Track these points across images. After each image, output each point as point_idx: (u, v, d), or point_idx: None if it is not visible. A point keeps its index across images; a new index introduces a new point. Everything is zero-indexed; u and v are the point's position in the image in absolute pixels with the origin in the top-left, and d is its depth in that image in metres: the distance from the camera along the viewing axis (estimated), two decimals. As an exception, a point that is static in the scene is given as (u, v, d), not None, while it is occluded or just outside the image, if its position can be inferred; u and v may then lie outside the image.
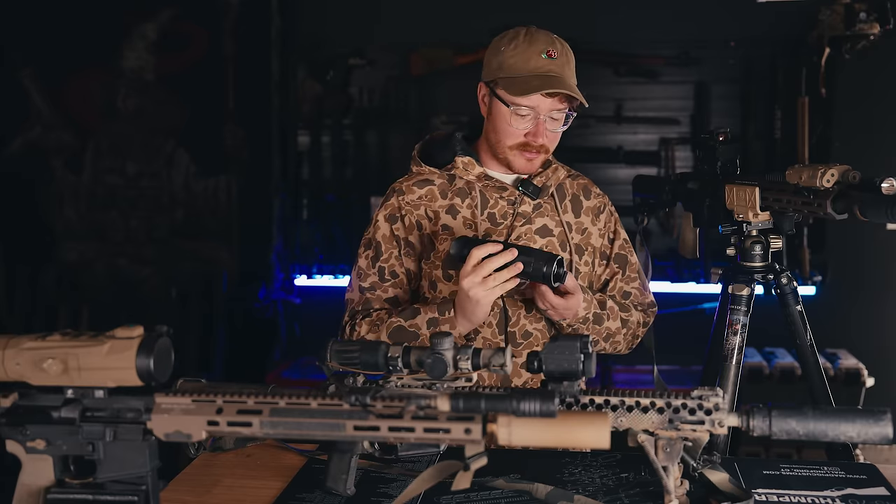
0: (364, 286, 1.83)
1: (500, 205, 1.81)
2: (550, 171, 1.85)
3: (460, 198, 1.82)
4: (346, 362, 1.26)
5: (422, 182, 1.85)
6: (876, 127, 3.82)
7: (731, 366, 1.92)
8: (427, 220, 1.82)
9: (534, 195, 1.81)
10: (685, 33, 3.96)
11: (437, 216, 1.82)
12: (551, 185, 1.84)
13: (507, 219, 1.81)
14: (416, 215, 1.82)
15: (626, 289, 1.91)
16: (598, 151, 4.05)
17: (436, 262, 1.81)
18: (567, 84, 1.71)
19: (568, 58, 1.76)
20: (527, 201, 1.81)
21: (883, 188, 1.59)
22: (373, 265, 1.83)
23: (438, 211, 1.82)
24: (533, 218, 1.82)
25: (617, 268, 1.91)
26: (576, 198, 1.89)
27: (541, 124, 1.73)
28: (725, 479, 1.35)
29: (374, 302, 1.82)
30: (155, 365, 1.04)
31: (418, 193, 1.83)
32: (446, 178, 1.83)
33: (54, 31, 4.17)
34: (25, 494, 1.11)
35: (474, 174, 1.81)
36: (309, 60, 4.26)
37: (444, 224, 1.81)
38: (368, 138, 4.29)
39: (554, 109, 1.72)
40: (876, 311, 3.92)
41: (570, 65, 1.76)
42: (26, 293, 4.33)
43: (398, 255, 1.83)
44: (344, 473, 1.36)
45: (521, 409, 0.95)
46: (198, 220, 4.33)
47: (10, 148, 4.36)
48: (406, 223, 1.82)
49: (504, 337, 1.77)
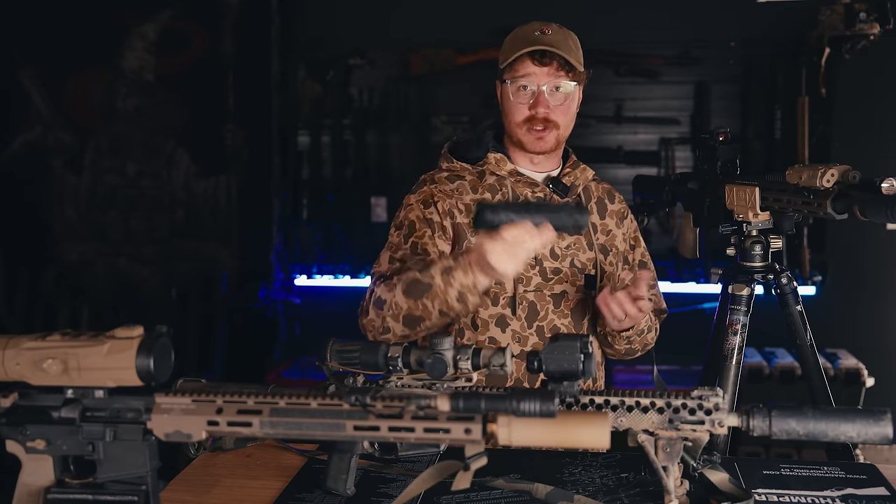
0: (395, 257, 1.77)
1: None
2: (579, 170, 1.88)
3: (490, 193, 1.84)
4: (346, 362, 1.26)
5: (453, 177, 1.86)
6: (876, 127, 3.82)
7: (731, 366, 1.92)
8: (458, 212, 1.82)
9: (563, 193, 1.83)
10: (685, 33, 3.97)
11: (469, 209, 1.82)
12: (580, 185, 1.87)
13: None
14: (449, 203, 1.82)
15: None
16: (598, 151, 4.06)
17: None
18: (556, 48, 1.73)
19: (566, 35, 1.78)
20: (555, 199, 1.83)
21: (883, 188, 1.59)
22: (405, 241, 1.79)
23: (470, 204, 1.82)
24: None
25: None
26: (601, 200, 1.91)
27: (541, 94, 1.75)
28: (725, 479, 1.35)
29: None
30: (155, 365, 1.04)
31: (450, 186, 1.84)
32: (476, 174, 1.85)
33: (54, 31, 4.17)
34: (25, 494, 1.11)
35: (506, 170, 1.83)
36: (309, 60, 4.26)
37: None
38: (368, 138, 4.29)
39: (552, 79, 1.75)
40: (876, 311, 3.93)
41: (569, 41, 1.77)
42: (26, 293, 4.33)
43: (431, 236, 1.80)
44: (344, 473, 1.36)
45: (521, 409, 0.95)
46: (198, 220, 4.33)
47: (10, 148, 4.36)
48: (440, 209, 1.81)
49: (533, 331, 1.78)
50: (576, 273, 1.82)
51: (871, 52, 3.54)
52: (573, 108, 1.82)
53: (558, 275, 1.81)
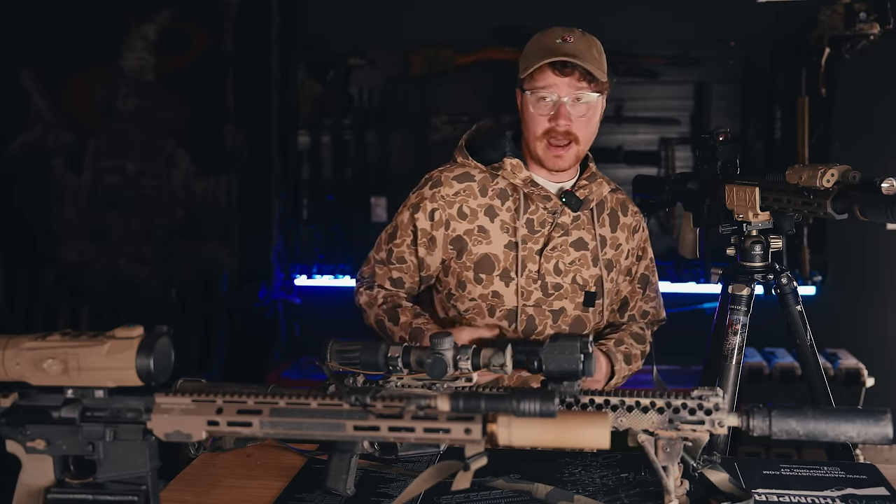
0: (376, 258, 1.88)
1: (540, 212, 1.79)
2: (595, 184, 1.83)
3: (500, 199, 1.79)
4: (346, 362, 1.26)
5: (462, 176, 1.81)
6: (876, 127, 3.81)
7: (731, 366, 1.92)
8: (460, 219, 1.79)
9: (575, 207, 1.78)
10: (685, 33, 3.96)
11: (475, 215, 1.79)
12: (593, 199, 1.82)
13: (546, 227, 1.79)
14: (447, 213, 1.79)
15: (645, 308, 1.94)
16: (598, 151, 4.00)
17: (467, 263, 1.79)
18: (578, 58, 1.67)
19: (589, 43, 1.72)
20: (567, 212, 1.79)
21: (883, 188, 1.59)
22: (387, 243, 1.85)
23: (477, 210, 1.79)
24: (570, 230, 1.81)
25: (639, 287, 1.93)
26: (614, 213, 1.88)
27: (562, 107, 1.70)
28: (725, 479, 1.35)
29: (377, 278, 1.86)
30: (155, 365, 1.04)
31: (456, 188, 1.80)
32: (489, 175, 1.81)
33: (54, 31, 4.17)
34: (25, 494, 1.11)
35: (521, 178, 1.78)
36: (309, 60, 4.26)
37: (480, 225, 1.79)
38: (368, 138, 4.29)
39: (574, 90, 1.70)
40: (876, 311, 3.92)
41: (592, 50, 1.72)
42: (26, 293, 4.33)
43: (410, 244, 1.82)
44: (344, 473, 1.36)
45: (521, 409, 0.95)
46: (198, 220, 4.32)
47: (10, 148, 4.36)
48: (435, 218, 1.80)
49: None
50: (576, 289, 1.81)
51: (871, 52, 3.54)
52: (595, 119, 1.76)
53: (559, 290, 1.79)
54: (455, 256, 1.81)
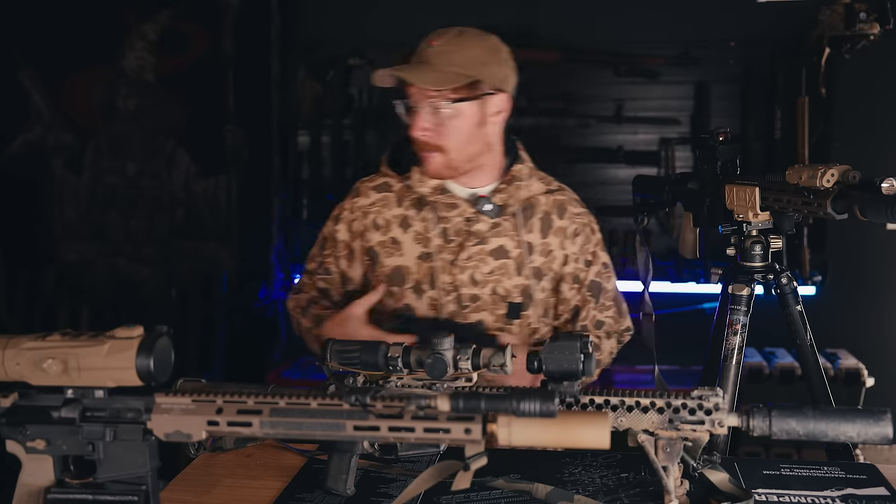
0: (307, 268, 1.88)
1: (455, 220, 1.71)
2: (513, 187, 1.72)
3: (416, 209, 1.73)
4: (346, 362, 1.26)
5: (381, 186, 1.78)
6: (876, 127, 3.81)
7: (731, 366, 1.91)
8: (375, 230, 1.75)
9: (491, 214, 1.70)
10: (685, 33, 3.96)
11: (389, 226, 1.74)
12: (514, 204, 1.72)
13: (461, 236, 1.71)
14: (363, 223, 1.76)
15: (599, 318, 1.82)
16: (598, 151, 4.05)
17: (380, 276, 1.74)
18: (419, 69, 1.60)
19: (459, 45, 1.64)
20: (483, 219, 1.71)
21: (883, 188, 1.58)
22: (318, 254, 1.87)
23: (391, 221, 1.74)
24: (488, 238, 1.71)
25: (590, 295, 1.81)
26: (547, 216, 1.76)
27: (416, 115, 1.63)
28: (725, 479, 1.35)
29: (305, 287, 1.87)
30: (155, 365, 1.04)
31: (372, 199, 1.77)
32: (406, 185, 1.74)
33: (54, 31, 4.17)
34: (25, 494, 1.11)
35: (430, 186, 1.71)
36: (309, 60, 4.26)
37: (393, 237, 1.74)
38: (368, 138, 4.29)
39: (424, 99, 1.62)
40: (876, 311, 3.92)
41: (459, 52, 1.63)
42: (26, 293, 4.33)
43: (332, 256, 1.82)
44: (344, 473, 1.36)
45: (520, 409, 0.95)
46: (198, 220, 4.32)
47: (10, 148, 4.36)
48: (353, 229, 1.78)
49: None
50: (497, 301, 1.72)
51: (871, 52, 3.53)
52: (465, 128, 1.63)
53: (476, 302, 1.71)
54: (370, 268, 1.77)
